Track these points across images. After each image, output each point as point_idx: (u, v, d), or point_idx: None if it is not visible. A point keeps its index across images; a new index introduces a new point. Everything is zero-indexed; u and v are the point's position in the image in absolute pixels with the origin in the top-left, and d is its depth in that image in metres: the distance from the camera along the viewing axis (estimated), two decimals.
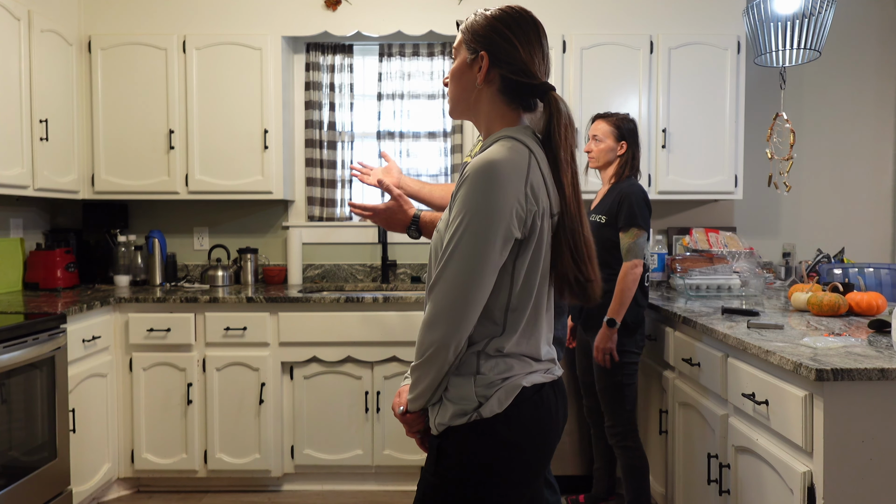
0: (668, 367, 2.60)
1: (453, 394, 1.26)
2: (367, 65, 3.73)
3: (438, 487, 1.27)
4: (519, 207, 1.20)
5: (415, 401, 1.30)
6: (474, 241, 1.19)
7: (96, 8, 3.33)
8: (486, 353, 1.26)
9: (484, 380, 1.24)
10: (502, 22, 1.30)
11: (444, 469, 1.27)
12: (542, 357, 1.31)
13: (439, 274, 1.22)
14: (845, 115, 3.78)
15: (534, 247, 1.24)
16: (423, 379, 1.26)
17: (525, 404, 1.25)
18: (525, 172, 1.22)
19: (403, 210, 1.76)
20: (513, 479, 1.26)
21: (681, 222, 3.74)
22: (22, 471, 2.32)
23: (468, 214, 1.20)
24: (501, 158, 1.21)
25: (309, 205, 3.66)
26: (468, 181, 1.21)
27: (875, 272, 3.02)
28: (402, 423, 1.38)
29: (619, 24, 3.35)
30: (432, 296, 1.24)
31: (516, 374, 1.26)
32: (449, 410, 1.26)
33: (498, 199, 1.19)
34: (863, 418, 1.57)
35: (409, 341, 3.03)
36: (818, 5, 2.61)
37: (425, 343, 1.24)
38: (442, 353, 1.22)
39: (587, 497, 2.82)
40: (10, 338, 2.27)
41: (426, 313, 1.25)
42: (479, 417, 1.23)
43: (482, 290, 1.21)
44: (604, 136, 2.57)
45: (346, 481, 3.15)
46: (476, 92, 1.33)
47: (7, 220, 3.25)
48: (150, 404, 3.03)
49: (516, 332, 1.26)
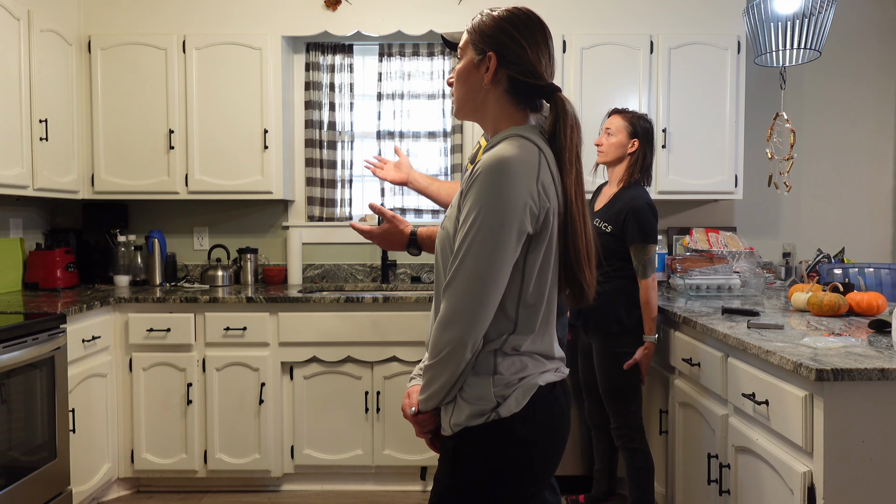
0: (669, 367, 2.60)
1: (470, 394, 1.25)
2: (367, 65, 3.73)
3: (456, 489, 1.26)
4: (532, 203, 1.20)
5: (427, 401, 1.28)
6: (489, 238, 1.19)
7: (96, 8, 3.32)
8: (503, 352, 1.25)
9: (502, 380, 1.24)
10: (510, 23, 1.30)
11: (461, 470, 1.26)
12: (554, 355, 1.31)
13: (454, 272, 1.21)
14: (845, 115, 3.78)
15: (546, 243, 1.24)
16: (438, 378, 1.25)
17: (540, 403, 1.25)
18: (536, 169, 1.22)
19: (399, 230, 1.79)
20: (530, 478, 1.26)
21: (681, 222, 3.74)
22: (22, 471, 2.32)
23: (481, 211, 1.19)
24: (512, 155, 1.20)
25: (309, 205, 3.66)
26: (480, 178, 1.21)
27: (875, 272, 3.02)
28: (412, 424, 1.36)
29: (619, 24, 3.35)
30: (447, 294, 1.22)
31: (531, 373, 1.26)
32: (465, 411, 1.24)
33: (510, 195, 1.18)
34: (863, 418, 1.57)
35: (409, 341, 3.03)
36: (818, 5, 2.61)
37: (441, 342, 1.22)
38: (459, 351, 1.21)
39: (587, 497, 2.81)
40: (10, 338, 2.27)
41: (441, 312, 1.23)
42: (497, 417, 1.23)
43: (498, 287, 1.21)
44: (617, 130, 2.53)
45: (346, 481, 3.15)
46: (483, 92, 1.33)
47: (7, 220, 3.25)
48: (150, 404, 3.03)
49: (533, 330, 1.26)
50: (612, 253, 2.48)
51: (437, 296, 1.32)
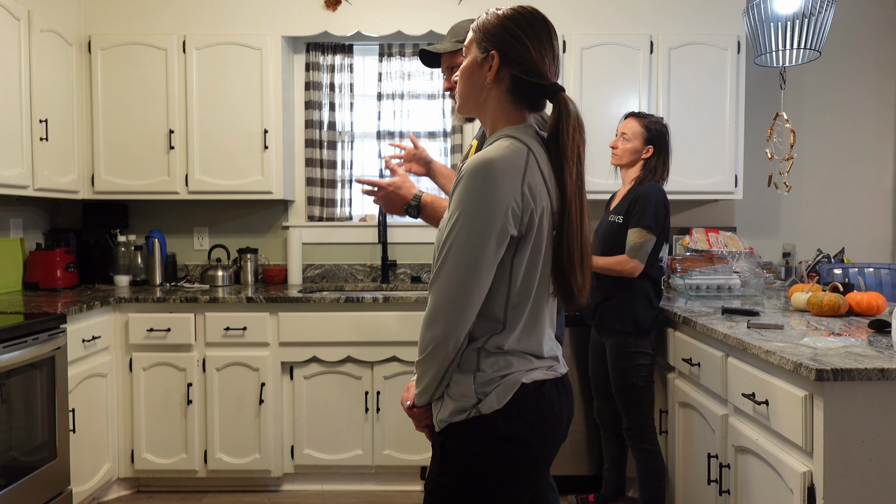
0: (669, 367, 2.60)
1: (454, 390, 1.27)
2: (367, 65, 3.73)
3: (444, 486, 1.28)
4: (515, 205, 1.21)
5: (420, 395, 1.33)
6: (469, 239, 1.20)
7: (96, 8, 3.33)
8: (486, 350, 1.27)
9: (483, 377, 1.25)
10: (514, 22, 1.30)
11: (448, 466, 1.27)
12: (544, 354, 1.32)
13: (437, 271, 1.25)
14: (845, 115, 3.78)
15: (532, 244, 1.25)
16: (427, 374, 1.29)
17: (525, 400, 1.26)
18: (522, 171, 1.22)
19: (407, 187, 1.77)
20: (516, 476, 1.27)
21: (681, 222, 3.74)
22: (22, 471, 2.32)
23: (463, 212, 1.21)
24: (497, 157, 1.21)
25: (309, 205, 3.66)
26: (464, 179, 1.22)
27: (875, 272, 3.02)
28: (410, 418, 1.40)
29: (619, 24, 3.35)
30: (431, 292, 1.26)
31: (516, 370, 1.27)
32: (449, 407, 1.27)
33: (492, 197, 1.19)
34: (863, 418, 1.57)
35: (409, 341, 3.03)
36: (818, 5, 2.61)
37: (425, 339, 1.26)
38: (441, 349, 1.24)
39: (597, 497, 2.81)
40: (10, 338, 2.27)
41: (427, 310, 1.27)
42: (477, 414, 1.24)
43: (479, 287, 1.22)
44: (633, 135, 2.53)
45: (346, 481, 3.15)
46: (486, 91, 1.33)
47: (7, 220, 3.25)
48: (150, 404, 3.03)
49: (516, 329, 1.27)
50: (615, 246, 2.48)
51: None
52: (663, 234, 2.49)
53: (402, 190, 1.78)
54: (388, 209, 1.83)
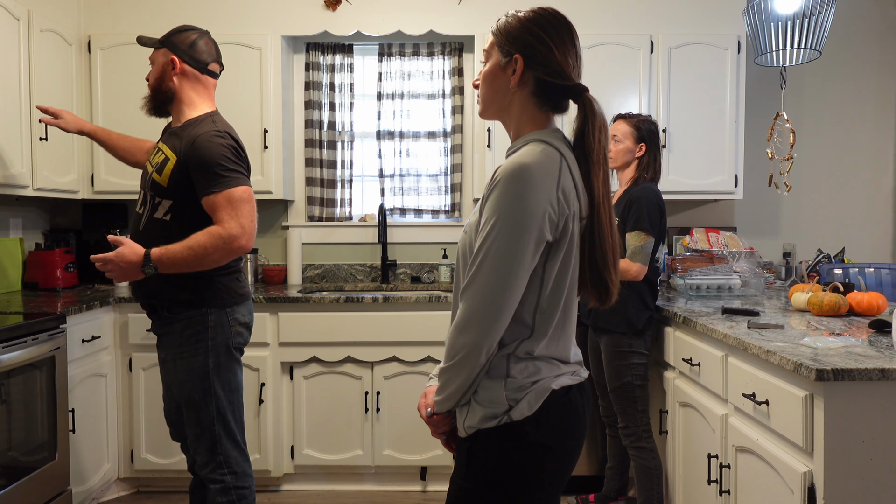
0: (669, 366, 2.60)
1: (483, 397, 1.25)
2: (367, 65, 3.73)
3: (470, 491, 1.27)
4: (551, 210, 1.20)
5: (442, 403, 1.29)
6: (506, 245, 1.18)
7: (96, 8, 3.32)
8: (516, 356, 1.25)
9: (514, 383, 1.24)
10: (536, 24, 1.29)
11: (474, 472, 1.26)
12: (570, 359, 1.31)
13: (472, 277, 1.21)
14: (845, 115, 3.78)
15: (564, 250, 1.24)
16: (453, 381, 1.25)
17: (554, 407, 1.25)
18: (557, 175, 1.21)
19: (130, 251, 1.86)
20: (543, 481, 1.26)
21: (681, 222, 3.74)
22: (22, 471, 2.32)
23: (500, 218, 1.19)
24: (532, 161, 1.20)
25: (309, 205, 3.66)
26: (500, 184, 1.20)
27: (875, 272, 3.02)
28: (427, 425, 1.37)
29: (619, 24, 3.35)
30: (464, 298, 1.23)
31: (545, 376, 1.26)
32: (478, 413, 1.25)
33: (530, 202, 1.18)
34: (863, 418, 1.57)
35: (409, 341, 3.02)
36: (818, 5, 2.61)
37: (457, 346, 1.23)
38: (473, 356, 1.22)
39: (597, 496, 2.82)
40: (10, 338, 2.27)
41: (458, 316, 1.24)
42: (509, 420, 1.23)
43: (514, 294, 1.20)
44: (623, 136, 2.55)
45: (346, 481, 3.14)
46: (510, 94, 1.32)
47: (7, 220, 3.24)
48: (150, 404, 3.02)
49: (546, 335, 1.26)
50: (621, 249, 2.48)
51: (455, 299, 1.33)
52: (660, 235, 2.50)
53: (126, 256, 1.85)
54: (125, 278, 1.88)
